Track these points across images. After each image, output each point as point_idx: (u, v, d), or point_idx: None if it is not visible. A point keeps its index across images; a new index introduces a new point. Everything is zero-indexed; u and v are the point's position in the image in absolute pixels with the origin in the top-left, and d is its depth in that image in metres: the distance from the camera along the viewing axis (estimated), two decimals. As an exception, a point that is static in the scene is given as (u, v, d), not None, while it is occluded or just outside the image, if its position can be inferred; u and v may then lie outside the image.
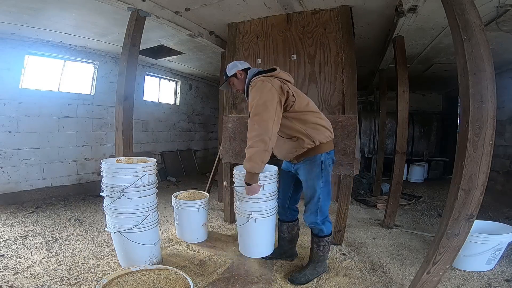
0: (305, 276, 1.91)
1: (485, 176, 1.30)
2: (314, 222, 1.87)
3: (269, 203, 2.08)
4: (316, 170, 1.81)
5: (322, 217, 1.87)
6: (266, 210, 2.07)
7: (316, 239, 1.92)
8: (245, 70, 1.95)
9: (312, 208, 1.86)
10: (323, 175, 1.81)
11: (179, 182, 5.27)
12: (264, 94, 1.66)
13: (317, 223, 1.87)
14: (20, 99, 3.51)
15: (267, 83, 1.70)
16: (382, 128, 4.53)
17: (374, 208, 3.76)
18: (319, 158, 1.80)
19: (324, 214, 1.88)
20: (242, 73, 1.94)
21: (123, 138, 2.37)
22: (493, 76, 1.29)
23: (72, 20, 3.02)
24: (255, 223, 2.06)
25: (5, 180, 3.43)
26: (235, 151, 2.77)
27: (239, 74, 1.94)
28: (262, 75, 1.79)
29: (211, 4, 2.61)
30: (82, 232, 2.67)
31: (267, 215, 2.08)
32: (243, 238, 2.22)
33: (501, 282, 1.93)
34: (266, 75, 1.78)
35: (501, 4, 2.23)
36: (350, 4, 2.47)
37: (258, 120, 1.63)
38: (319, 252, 1.92)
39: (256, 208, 2.04)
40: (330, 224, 1.93)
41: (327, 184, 1.85)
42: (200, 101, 6.90)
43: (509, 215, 3.47)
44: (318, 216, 1.86)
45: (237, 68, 1.94)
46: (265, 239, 2.17)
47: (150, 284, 1.25)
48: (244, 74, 1.94)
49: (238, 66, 1.96)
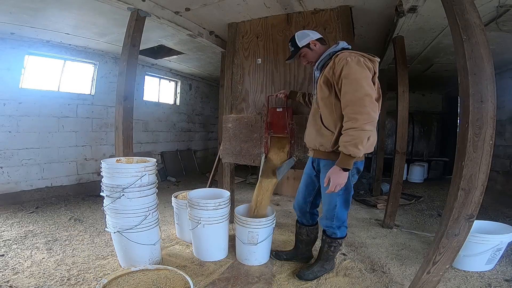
0: (313, 272, 1.91)
1: (485, 176, 1.30)
2: (329, 226, 1.83)
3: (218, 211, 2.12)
4: None
5: (338, 223, 1.81)
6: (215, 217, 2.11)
7: (328, 240, 1.89)
8: (319, 40, 1.77)
9: (328, 214, 1.80)
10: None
11: (179, 182, 5.27)
12: (369, 75, 1.49)
13: (332, 227, 1.83)
14: (20, 99, 3.51)
15: (369, 63, 1.52)
16: (382, 128, 4.53)
17: (374, 208, 3.76)
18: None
19: (340, 220, 1.81)
20: (316, 43, 1.75)
21: (123, 138, 2.37)
22: (493, 76, 1.29)
23: (72, 20, 3.02)
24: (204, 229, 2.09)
25: (5, 180, 3.43)
26: (235, 151, 2.76)
27: (313, 44, 1.74)
28: (360, 53, 1.56)
29: (211, 4, 2.60)
30: (82, 232, 2.67)
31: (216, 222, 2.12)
32: (194, 241, 2.24)
33: (501, 282, 1.93)
34: (365, 55, 1.56)
35: (501, 4, 2.23)
36: (350, 4, 2.47)
37: (370, 102, 1.44)
38: (329, 252, 1.91)
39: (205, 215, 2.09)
40: (345, 229, 1.89)
41: (347, 193, 1.73)
42: (200, 101, 6.89)
43: (509, 215, 3.47)
44: (334, 222, 1.80)
45: (310, 38, 1.75)
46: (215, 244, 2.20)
47: (150, 284, 1.25)
48: (318, 45, 1.75)
49: (310, 36, 1.76)
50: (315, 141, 1.75)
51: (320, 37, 1.79)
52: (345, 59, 1.52)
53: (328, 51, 1.71)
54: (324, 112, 1.68)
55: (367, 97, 1.44)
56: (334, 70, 1.56)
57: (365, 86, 1.45)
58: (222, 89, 3.66)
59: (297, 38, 1.78)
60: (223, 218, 2.16)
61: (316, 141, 1.74)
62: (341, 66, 1.52)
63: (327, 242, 1.90)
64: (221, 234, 2.19)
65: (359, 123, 1.42)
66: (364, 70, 1.49)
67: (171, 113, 5.99)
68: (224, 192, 2.39)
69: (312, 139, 1.78)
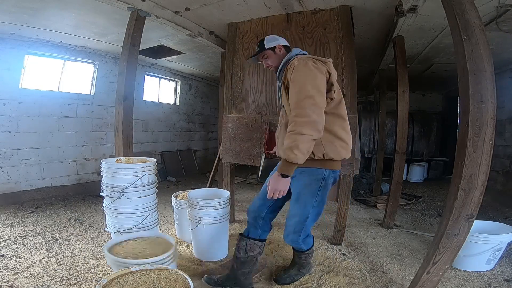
0: (290, 277, 1.89)
1: (485, 176, 1.30)
2: (295, 241, 1.68)
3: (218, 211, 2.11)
4: (313, 186, 1.55)
5: (304, 236, 1.68)
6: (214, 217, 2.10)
7: (296, 253, 1.87)
8: (285, 47, 1.73)
9: (296, 227, 1.62)
10: (320, 194, 1.56)
11: (179, 182, 5.27)
12: (318, 76, 1.42)
13: (298, 242, 1.69)
14: (20, 99, 3.51)
15: (319, 65, 1.46)
16: (382, 128, 4.53)
17: (374, 208, 3.76)
18: (321, 174, 1.53)
19: (306, 232, 1.69)
20: (282, 49, 1.70)
21: (123, 138, 2.37)
22: (493, 76, 1.29)
23: (72, 20, 3.02)
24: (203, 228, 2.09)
25: (5, 180, 3.43)
26: (235, 151, 2.76)
27: (279, 49, 1.70)
28: (311, 56, 1.53)
29: (211, 4, 2.60)
30: (82, 232, 2.66)
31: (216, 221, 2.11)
32: (194, 241, 2.24)
33: (501, 282, 1.93)
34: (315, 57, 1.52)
35: (501, 4, 2.23)
36: (350, 4, 2.47)
37: (312, 104, 1.35)
38: (301, 261, 1.89)
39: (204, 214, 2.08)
40: (310, 239, 1.81)
41: (321, 205, 1.60)
42: (200, 101, 6.90)
43: (509, 215, 3.47)
44: (300, 235, 1.65)
45: (278, 42, 1.71)
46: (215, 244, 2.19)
47: (150, 284, 1.25)
48: (283, 50, 1.71)
49: (279, 41, 1.72)
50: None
51: (287, 44, 1.76)
52: (293, 63, 1.49)
53: (285, 59, 1.67)
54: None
55: (308, 99, 1.36)
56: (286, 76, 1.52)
57: (307, 88, 1.38)
58: (222, 89, 3.66)
59: (266, 40, 1.73)
60: (223, 218, 2.16)
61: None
62: (290, 71, 1.48)
63: (297, 255, 1.87)
64: (221, 234, 2.18)
65: (296, 126, 1.34)
66: (310, 71, 1.42)
67: (171, 113, 5.99)
68: (224, 192, 2.39)
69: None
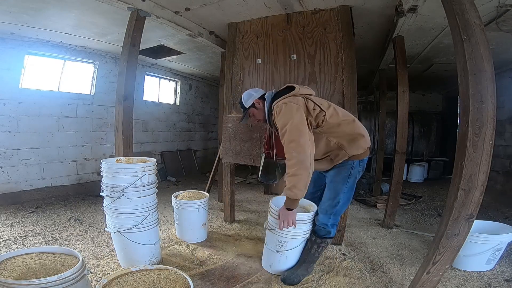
0: (297, 276, 1.89)
1: (485, 176, 1.30)
2: (325, 224, 1.84)
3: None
4: (343, 174, 1.76)
5: (333, 221, 1.85)
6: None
7: (318, 240, 1.88)
8: (262, 98, 1.86)
9: (328, 209, 1.82)
10: (350, 181, 1.77)
11: (179, 182, 5.27)
12: (294, 117, 1.59)
13: (327, 225, 1.84)
14: (20, 99, 3.51)
15: (292, 104, 1.62)
16: (382, 128, 4.53)
17: (374, 208, 3.76)
18: (350, 164, 1.75)
19: (336, 218, 1.86)
20: (260, 102, 1.85)
21: (123, 138, 2.37)
22: (493, 76, 1.29)
23: (72, 20, 3.02)
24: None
25: (5, 180, 3.43)
26: (235, 151, 2.77)
27: (257, 103, 1.85)
28: (284, 97, 1.69)
29: (211, 4, 2.60)
30: (82, 232, 2.66)
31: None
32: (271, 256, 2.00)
33: (501, 282, 1.93)
34: (288, 96, 1.69)
35: (501, 4, 2.23)
36: (350, 4, 2.47)
37: (295, 146, 1.56)
38: (316, 253, 1.91)
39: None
40: (335, 228, 1.91)
41: (351, 190, 1.81)
42: (200, 101, 6.89)
43: (509, 215, 3.47)
44: (331, 218, 1.83)
45: (254, 98, 1.85)
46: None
47: (150, 284, 1.25)
48: (262, 102, 1.85)
49: (253, 95, 1.86)
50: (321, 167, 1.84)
51: (261, 94, 1.88)
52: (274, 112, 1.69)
53: (266, 109, 1.82)
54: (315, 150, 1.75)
55: (292, 143, 1.57)
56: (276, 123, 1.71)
57: (289, 133, 1.58)
58: (222, 89, 3.66)
59: (243, 99, 1.89)
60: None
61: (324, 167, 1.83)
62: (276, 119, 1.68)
63: (317, 243, 1.89)
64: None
65: (289, 169, 1.59)
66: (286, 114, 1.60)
67: (171, 113, 5.99)
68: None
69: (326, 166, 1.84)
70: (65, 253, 1.43)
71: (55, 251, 1.45)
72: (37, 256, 1.37)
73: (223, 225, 2.98)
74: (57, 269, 1.27)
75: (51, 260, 1.35)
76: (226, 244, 2.48)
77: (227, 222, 3.06)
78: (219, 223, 3.03)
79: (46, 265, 1.30)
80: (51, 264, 1.31)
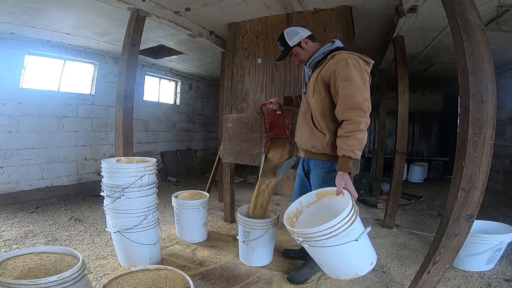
0: (303, 275, 1.90)
1: (485, 176, 1.30)
2: None
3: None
4: (327, 177, 1.71)
5: None
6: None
7: None
8: (310, 37, 1.71)
9: None
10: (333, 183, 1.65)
11: (179, 182, 5.27)
12: (367, 79, 1.50)
13: None
14: (20, 99, 3.51)
15: (366, 66, 1.53)
16: (382, 128, 4.53)
17: (374, 208, 3.76)
18: (332, 166, 1.67)
19: None
20: (308, 41, 1.69)
21: (123, 138, 2.37)
22: (493, 76, 1.29)
23: (72, 20, 3.02)
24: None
25: (5, 180, 3.43)
26: (235, 151, 2.77)
27: (304, 43, 1.69)
28: (358, 55, 1.54)
29: (211, 4, 2.60)
30: (82, 232, 2.67)
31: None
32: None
33: (501, 282, 1.93)
34: (363, 57, 1.55)
35: (501, 4, 2.23)
36: (350, 4, 2.47)
37: (368, 106, 1.47)
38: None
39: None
40: None
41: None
42: (200, 101, 6.90)
43: (509, 215, 3.47)
44: None
45: (301, 36, 1.68)
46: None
47: (150, 284, 1.25)
48: (310, 42, 1.70)
49: (300, 34, 1.69)
50: (307, 143, 1.74)
51: (310, 34, 1.73)
52: (345, 60, 1.49)
53: (322, 50, 1.66)
54: (316, 113, 1.66)
55: (367, 101, 1.47)
56: (332, 71, 1.53)
57: (364, 90, 1.47)
58: (222, 89, 3.66)
59: (286, 36, 1.69)
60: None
61: (308, 143, 1.73)
62: (341, 67, 1.49)
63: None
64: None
65: (361, 126, 1.45)
66: (363, 73, 1.50)
67: (171, 113, 5.99)
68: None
69: (304, 141, 1.77)
70: (65, 253, 1.43)
71: (55, 251, 1.45)
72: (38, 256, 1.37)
73: (223, 225, 2.98)
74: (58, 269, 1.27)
75: (51, 260, 1.35)
76: (226, 244, 2.49)
77: (227, 222, 3.06)
78: (219, 223, 3.03)
79: (46, 265, 1.30)
80: (51, 264, 1.32)
